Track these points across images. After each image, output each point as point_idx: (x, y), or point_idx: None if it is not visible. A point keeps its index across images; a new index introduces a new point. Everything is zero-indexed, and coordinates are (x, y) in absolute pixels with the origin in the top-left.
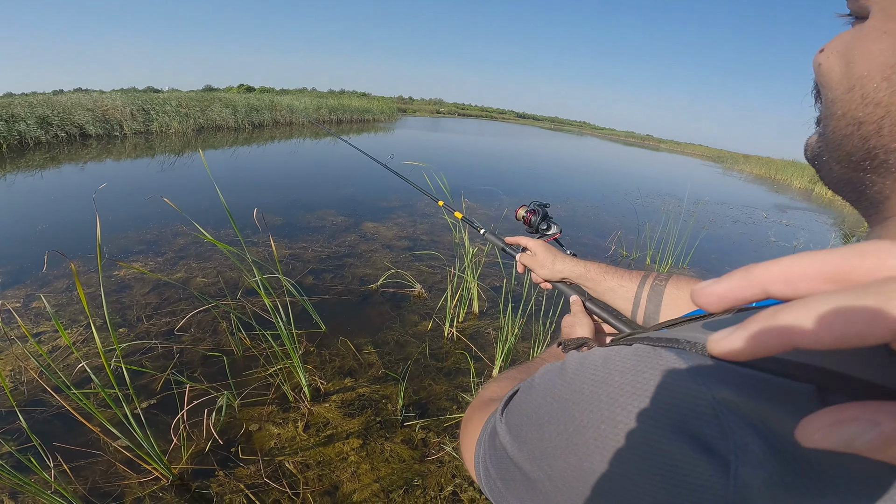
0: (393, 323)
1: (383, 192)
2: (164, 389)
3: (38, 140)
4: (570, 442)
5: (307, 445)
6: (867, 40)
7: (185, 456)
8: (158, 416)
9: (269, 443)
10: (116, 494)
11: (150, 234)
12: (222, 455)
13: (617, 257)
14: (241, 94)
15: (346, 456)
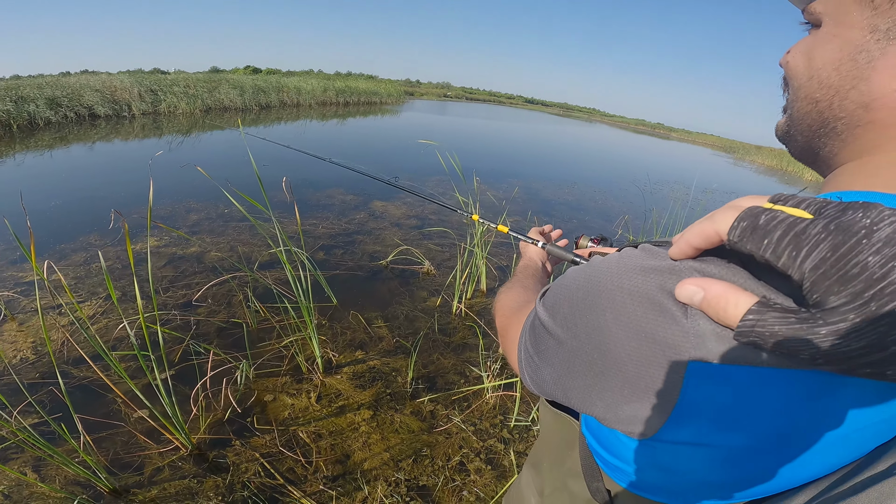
0: (402, 298)
1: (392, 172)
2: (182, 361)
3: (48, 120)
4: (592, 303)
5: (320, 416)
6: (822, 42)
7: (203, 426)
8: (177, 387)
9: (284, 413)
10: (137, 465)
11: (164, 209)
12: (239, 425)
13: (624, 241)
14: (247, 76)
15: (358, 426)
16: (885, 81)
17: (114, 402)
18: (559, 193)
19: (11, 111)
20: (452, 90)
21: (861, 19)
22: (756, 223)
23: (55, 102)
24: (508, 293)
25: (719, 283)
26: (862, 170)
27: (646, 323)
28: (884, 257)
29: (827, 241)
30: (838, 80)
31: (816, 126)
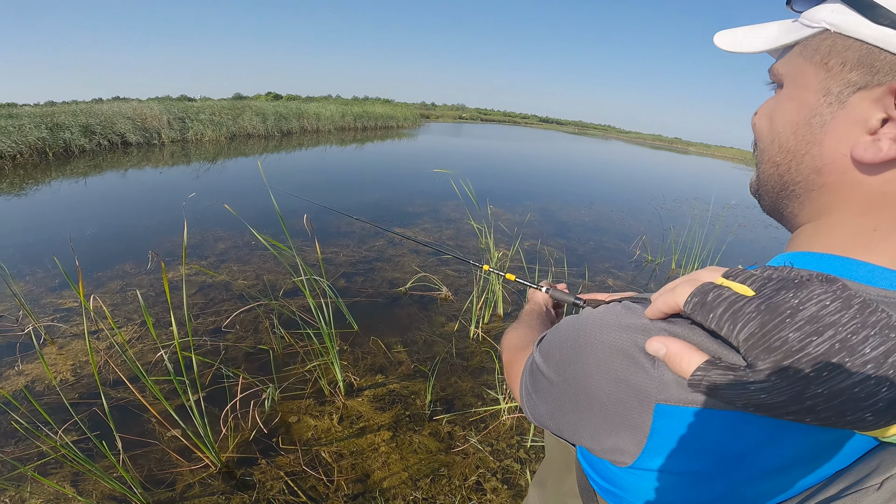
0: (421, 324)
1: (409, 197)
2: (212, 383)
3: (83, 148)
4: (578, 354)
5: (341, 437)
6: (782, 103)
7: (232, 445)
8: (208, 408)
9: (307, 434)
10: (169, 481)
11: (194, 238)
12: (265, 444)
13: (641, 262)
14: (269, 102)
15: (377, 447)
16: (834, 146)
17: (149, 422)
18: (576, 215)
19: (47, 139)
20: (467, 112)
21: (816, 82)
22: (704, 300)
23: (89, 130)
24: (514, 332)
25: (678, 343)
26: (818, 231)
27: (622, 371)
28: (803, 334)
29: (756, 320)
30: (795, 144)
31: (778, 188)
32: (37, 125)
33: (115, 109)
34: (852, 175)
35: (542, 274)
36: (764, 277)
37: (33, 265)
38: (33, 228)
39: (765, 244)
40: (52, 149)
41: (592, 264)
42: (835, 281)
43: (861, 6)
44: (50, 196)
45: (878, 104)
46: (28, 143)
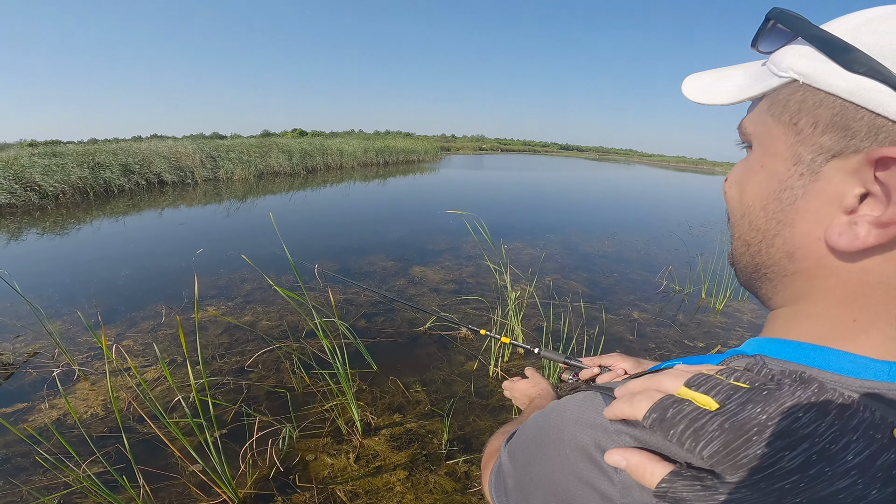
0: (440, 363)
1: (430, 235)
2: (233, 421)
3: (122, 188)
4: (543, 453)
5: (357, 475)
6: (751, 172)
7: (250, 482)
8: (228, 445)
9: (323, 472)
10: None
11: (221, 280)
12: (282, 482)
13: (669, 293)
14: (294, 140)
15: (393, 486)
16: (807, 229)
17: (172, 456)
18: (598, 246)
19: (88, 178)
20: (487, 142)
21: (785, 147)
22: (664, 416)
23: (128, 169)
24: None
25: (638, 455)
26: (794, 318)
27: (585, 472)
28: (773, 450)
29: (720, 439)
30: (765, 223)
31: (750, 269)
32: (79, 164)
33: (152, 148)
34: (828, 261)
35: (563, 309)
36: (729, 388)
37: (71, 305)
38: (72, 268)
39: None
40: (93, 188)
41: (616, 297)
42: (810, 383)
43: (832, 50)
44: (90, 235)
45: (854, 176)
46: (70, 182)
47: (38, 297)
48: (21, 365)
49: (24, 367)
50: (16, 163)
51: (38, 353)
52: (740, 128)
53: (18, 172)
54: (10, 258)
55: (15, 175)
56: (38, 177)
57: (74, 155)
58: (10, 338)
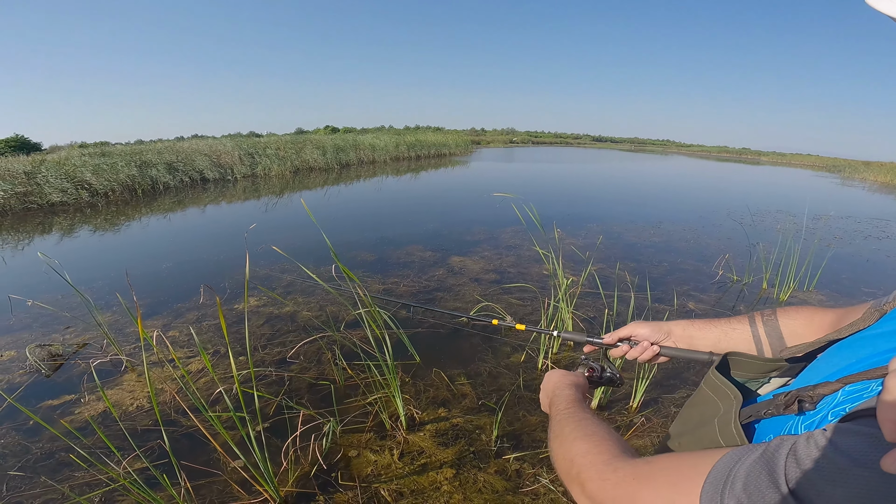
0: (485, 355)
1: (466, 225)
2: (275, 414)
3: (167, 185)
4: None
5: (402, 473)
6: None
7: (291, 479)
8: (270, 440)
9: (367, 469)
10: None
11: (262, 271)
12: (324, 479)
13: (726, 282)
14: (327, 136)
15: (440, 485)
16: None
17: (214, 451)
18: (644, 235)
19: (136, 176)
20: (517, 135)
21: None
22: None
23: (172, 167)
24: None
25: None
26: None
27: None
28: None
29: None
30: None
31: None
32: (127, 163)
33: (193, 147)
34: None
35: (612, 299)
36: None
37: (120, 296)
38: (121, 261)
39: (868, 256)
40: (141, 185)
41: (669, 287)
42: None
43: None
44: (139, 231)
45: None
46: (119, 180)
47: (89, 289)
48: (70, 356)
49: (73, 357)
50: (67, 163)
51: (87, 343)
52: None
53: (70, 172)
54: (64, 252)
55: (66, 174)
56: (88, 175)
57: (122, 154)
58: (61, 329)
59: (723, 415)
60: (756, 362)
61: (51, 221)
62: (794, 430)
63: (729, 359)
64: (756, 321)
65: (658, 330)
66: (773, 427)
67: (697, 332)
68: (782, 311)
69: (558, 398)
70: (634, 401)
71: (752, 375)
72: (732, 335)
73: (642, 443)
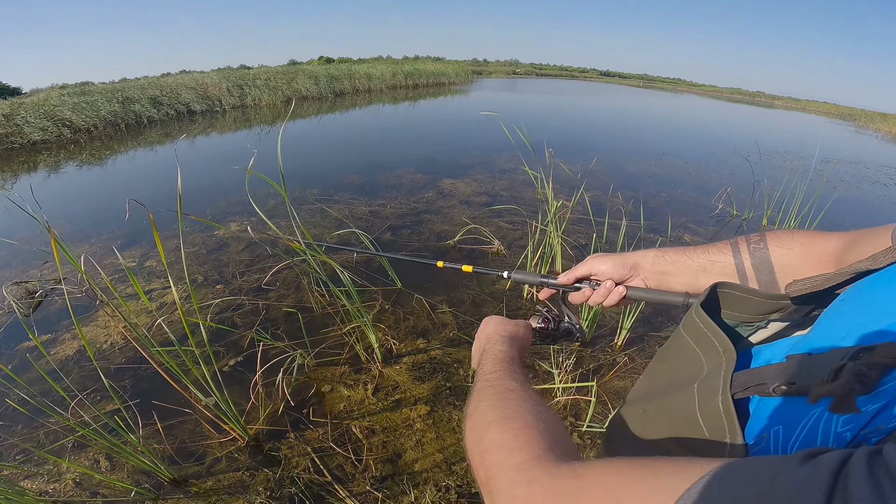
0: (469, 281)
1: (461, 150)
2: (250, 346)
3: (152, 118)
4: None
5: (375, 410)
6: None
7: (262, 416)
8: (243, 374)
9: (339, 405)
10: (199, 454)
11: (246, 195)
12: (295, 416)
13: (725, 217)
14: (321, 66)
15: (413, 423)
16: None
17: (187, 389)
18: (645, 167)
19: (119, 112)
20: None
21: None
22: None
23: (157, 102)
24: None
25: None
26: None
27: None
28: None
29: None
30: None
31: None
32: (108, 100)
33: (179, 81)
34: None
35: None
36: None
37: (99, 228)
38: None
39: (873, 202)
40: (124, 120)
41: (665, 218)
42: None
43: None
44: (125, 163)
45: None
46: (101, 117)
47: (69, 222)
48: (48, 292)
49: (50, 294)
50: (46, 103)
51: (66, 278)
52: None
53: (49, 111)
54: (46, 188)
55: (46, 114)
56: (68, 113)
57: (103, 92)
58: (39, 264)
59: (706, 378)
60: (755, 299)
61: (35, 160)
62: (827, 428)
63: (719, 292)
64: (741, 249)
65: (622, 265)
66: (785, 414)
67: (670, 267)
68: (772, 237)
69: (487, 355)
70: (619, 338)
71: (746, 318)
72: (713, 269)
73: (623, 384)
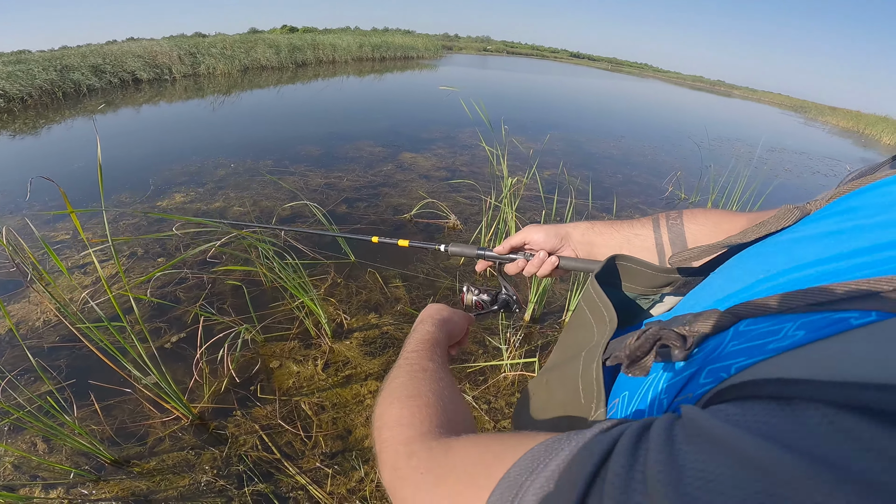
0: (424, 255)
1: (424, 124)
2: (195, 322)
3: (92, 87)
4: None
5: (325, 386)
6: None
7: (207, 394)
8: (186, 351)
9: (288, 381)
10: (141, 434)
11: (194, 166)
12: (242, 394)
13: (674, 199)
14: (284, 35)
15: (363, 399)
16: None
17: (124, 368)
18: (604, 147)
19: (56, 80)
20: (492, 44)
21: None
22: None
23: (99, 70)
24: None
25: None
26: None
27: None
28: None
29: None
30: None
31: None
32: (45, 68)
33: (125, 49)
34: None
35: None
36: None
37: (38, 199)
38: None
39: (812, 190)
40: (62, 89)
41: (620, 199)
42: None
43: None
44: (63, 133)
45: None
46: (36, 85)
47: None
48: None
49: None
50: None
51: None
52: None
53: None
54: None
55: None
56: (1, 82)
57: (40, 60)
58: None
59: (592, 347)
60: (645, 272)
61: None
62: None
63: (618, 264)
64: (661, 224)
65: (554, 235)
66: (632, 380)
67: (598, 238)
68: (689, 214)
69: (413, 335)
70: (567, 315)
71: (642, 290)
72: (635, 241)
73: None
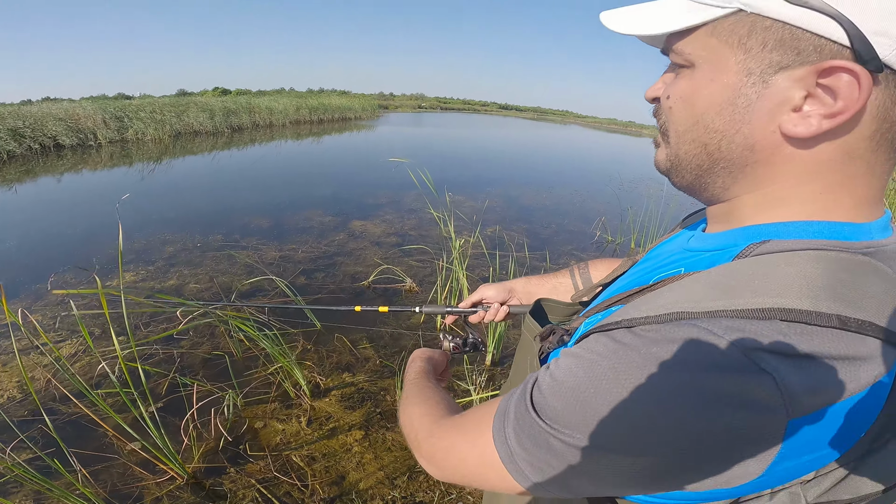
0: (386, 317)
1: (369, 190)
2: (169, 392)
3: (12, 153)
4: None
5: (311, 439)
6: (700, 86)
7: (197, 455)
8: (167, 418)
9: (275, 439)
10: (136, 496)
11: (138, 244)
12: (232, 452)
13: (602, 243)
14: (216, 98)
15: (350, 447)
16: (763, 124)
17: (105, 436)
18: (537, 199)
19: None
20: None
21: (735, 63)
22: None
23: (18, 134)
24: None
25: None
26: (766, 202)
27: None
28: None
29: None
30: (722, 125)
31: (707, 165)
32: None
33: (44, 111)
34: (785, 149)
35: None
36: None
37: None
38: None
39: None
40: None
41: (555, 247)
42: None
43: None
44: None
45: (800, 83)
46: None
47: None
48: None
49: None
50: None
51: None
52: (676, 49)
53: None
54: None
55: None
56: None
57: None
58: None
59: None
60: (560, 306)
61: None
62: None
63: (543, 304)
64: (574, 273)
65: (503, 290)
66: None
67: (534, 288)
68: (593, 263)
69: (410, 368)
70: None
71: (560, 318)
72: (560, 288)
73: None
